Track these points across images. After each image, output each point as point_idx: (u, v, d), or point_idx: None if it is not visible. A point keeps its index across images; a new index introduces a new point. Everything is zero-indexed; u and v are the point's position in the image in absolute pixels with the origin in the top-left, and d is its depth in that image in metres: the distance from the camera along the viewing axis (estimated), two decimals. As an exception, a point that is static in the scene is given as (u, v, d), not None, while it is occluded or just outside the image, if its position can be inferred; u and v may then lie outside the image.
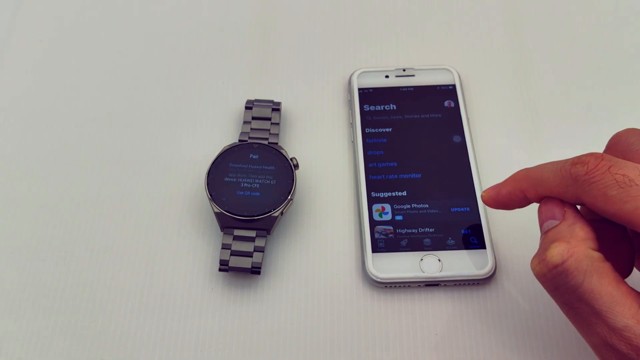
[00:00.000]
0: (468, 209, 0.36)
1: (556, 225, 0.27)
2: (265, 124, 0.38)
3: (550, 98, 0.41)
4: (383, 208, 0.36)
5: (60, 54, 0.43)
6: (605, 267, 0.25)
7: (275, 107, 0.39)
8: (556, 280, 0.25)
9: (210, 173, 0.35)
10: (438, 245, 0.34)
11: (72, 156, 0.39)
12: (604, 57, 0.42)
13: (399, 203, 0.36)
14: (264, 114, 0.39)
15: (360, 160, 0.37)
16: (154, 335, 0.33)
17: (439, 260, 0.34)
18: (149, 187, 0.38)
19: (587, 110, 0.40)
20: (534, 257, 0.27)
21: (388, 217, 0.35)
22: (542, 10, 0.44)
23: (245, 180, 0.35)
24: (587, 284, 0.24)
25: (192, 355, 0.33)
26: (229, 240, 0.34)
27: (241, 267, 0.34)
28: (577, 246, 0.25)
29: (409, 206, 0.36)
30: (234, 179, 0.35)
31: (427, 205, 0.36)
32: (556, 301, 0.26)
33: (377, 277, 0.34)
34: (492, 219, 0.36)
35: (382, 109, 0.39)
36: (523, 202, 0.29)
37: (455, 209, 0.36)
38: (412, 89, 0.40)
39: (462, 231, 0.35)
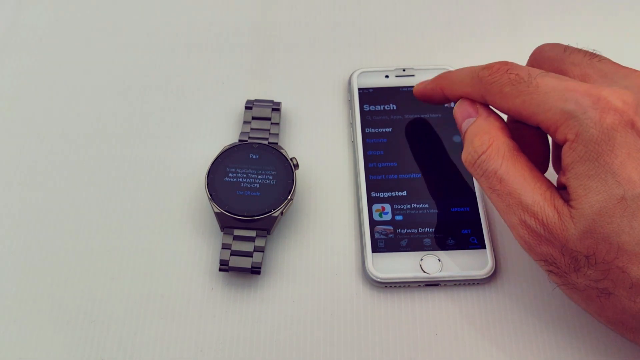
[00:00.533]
0: (468, 209, 0.36)
1: (474, 121, 0.30)
2: (265, 124, 0.38)
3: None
4: (383, 208, 0.36)
5: (60, 54, 0.43)
6: (520, 155, 0.29)
7: (275, 107, 0.39)
8: (482, 166, 0.29)
9: (210, 173, 0.35)
10: (438, 245, 0.34)
11: (72, 156, 0.39)
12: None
13: (399, 203, 0.36)
14: (264, 114, 0.39)
15: (360, 160, 0.37)
16: (153, 335, 0.33)
17: (439, 260, 0.34)
18: (149, 187, 0.38)
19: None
20: (462, 152, 0.30)
21: (388, 217, 0.35)
22: (542, 10, 0.44)
23: (245, 180, 0.35)
24: (505, 166, 0.28)
25: (192, 355, 0.33)
26: (229, 240, 0.34)
27: (241, 267, 0.34)
28: (497, 134, 0.29)
29: (409, 206, 0.36)
30: (234, 179, 0.35)
31: (427, 205, 0.36)
32: (483, 187, 0.29)
33: (377, 277, 0.34)
34: (492, 219, 0.36)
35: (382, 109, 0.39)
36: (442, 99, 0.34)
37: (455, 209, 0.36)
38: (412, 89, 0.40)
39: (462, 231, 0.35)
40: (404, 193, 0.36)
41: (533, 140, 0.31)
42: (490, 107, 0.31)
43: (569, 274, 0.27)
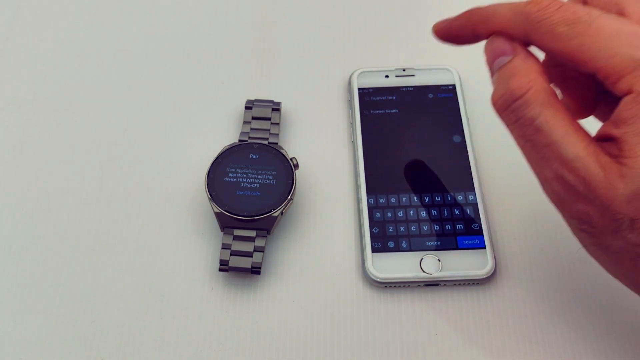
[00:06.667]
0: (468, 209, 0.36)
1: (510, 60, 0.27)
2: (265, 124, 0.38)
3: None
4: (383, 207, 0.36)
5: (60, 53, 0.43)
6: (560, 103, 0.26)
7: (275, 107, 0.39)
8: (517, 112, 0.26)
9: (210, 173, 0.35)
10: (438, 245, 0.34)
11: (73, 156, 0.39)
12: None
13: (399, 202, 0.36)
14: (264, 114, 0.39)
15: (360, 160, 0.37)
16: (153, 335, 0.33)
17: (439, 260, 0.34)
18: (149, 186, 0.38)
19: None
20: (493, 92, 0.27)
21: (389, 215, 0.35)
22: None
23: (245, 180, 0.35)
24: (544, 115, 0.25)
25: (192, 355, 0.33)
26: (229, 240, 0.34)
27: (241, 267, 0.34)
28: (537, 78, 0.26)
29: (409, 205, 0.36)
30: (234, 179, 0.35)
31: (428, 204, 0.36)
32: (514, 135, 0.27)
33: (377, 277, 0.34)
34: (492, 220, 0.36)
35: (382, 109, 0.39)
36: (471, 38, 0.30)
37: (456, 210, 0.35)
38: (412, 89, 0.40)
39: (462, 231, 0.35)
40: (405, 192, 0.36)
41: (577, 86, 0.28)
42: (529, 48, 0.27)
43: (604, 235, 0.25)
